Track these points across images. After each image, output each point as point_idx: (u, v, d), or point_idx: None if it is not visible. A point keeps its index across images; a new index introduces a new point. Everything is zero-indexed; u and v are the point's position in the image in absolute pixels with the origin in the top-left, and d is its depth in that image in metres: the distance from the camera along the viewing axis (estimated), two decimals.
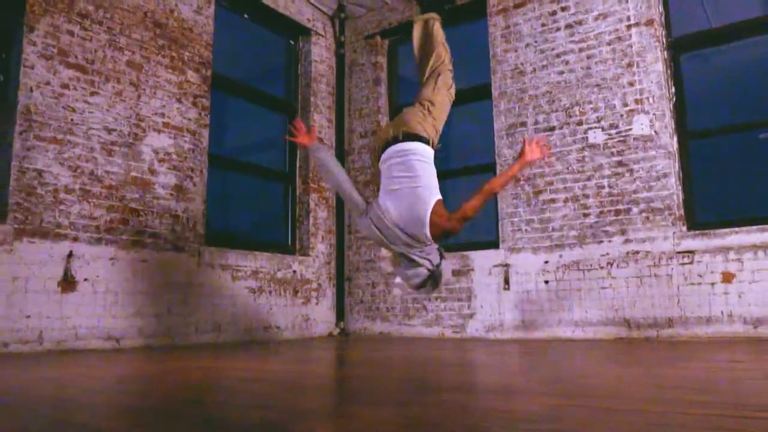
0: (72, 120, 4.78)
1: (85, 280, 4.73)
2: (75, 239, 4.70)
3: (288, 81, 6.99)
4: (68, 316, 4.61)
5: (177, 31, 5.59)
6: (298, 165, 6.83)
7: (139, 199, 5.15)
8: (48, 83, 4.67)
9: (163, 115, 5.39)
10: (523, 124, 5.95)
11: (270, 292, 6.12)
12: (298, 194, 6.79)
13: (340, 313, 6.81)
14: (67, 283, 4.64)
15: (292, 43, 7.06)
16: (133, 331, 4.98)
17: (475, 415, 1.66)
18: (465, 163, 6.61)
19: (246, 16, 6.57)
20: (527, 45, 6.02)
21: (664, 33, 5.47)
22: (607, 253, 5.39)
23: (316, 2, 6.97)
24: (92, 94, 4.93)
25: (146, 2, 5.38)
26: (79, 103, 4.83)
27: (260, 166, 6.64)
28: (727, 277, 4.89)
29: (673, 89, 5.40)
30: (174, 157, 5.45)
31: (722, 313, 4.88)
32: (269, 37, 7.00)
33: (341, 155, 7.05)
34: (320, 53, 7.12)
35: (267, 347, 5.14)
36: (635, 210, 5.31)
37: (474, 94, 6.41)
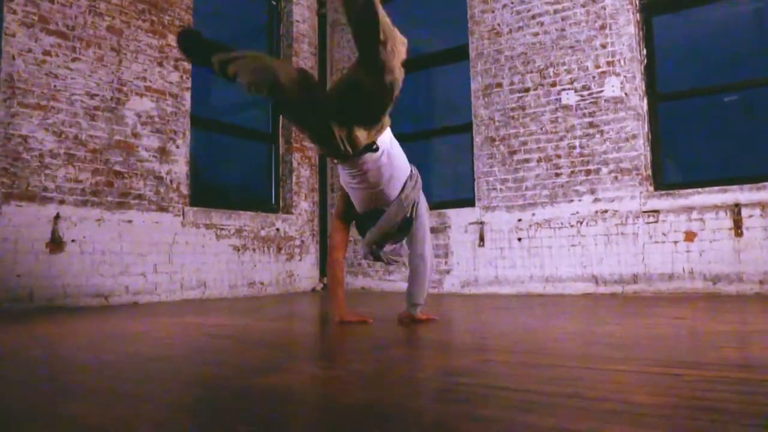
0: (55, 86, 4.90)
1: (73, 241, 4.94)
2: (61, 202, 4.89)
3: (270, 41, 7.06)
4: (57, 275, 4.83)
5: None
6: (280, 125, 6.97)
7: (123, 162, 5.32)
8: (30, 50, 4.78)
9: (144, 79, 5.51)
10: (499, 85, 6.06)
11: (254, 250, 6.34)
12: (281, 153, 6.95)
13: (323, 269, 7.06)
14: (55, 244, 4.84)
15: (274, 3, 7.09)
16: (120, 289, 5.21)
17: (411, 368, 1.88)
18: (443, 123, 6.74)
19: None
20: (504, 6, 6.09)
21: None
22: (577, 212, 5.59)
23: None
24: (74, 60, 5.04)
25: None
26: (61, 70, 4.95)
27: (243, 127, 6.78)
28: (690, 236, 5.10)
29: (644, 51, 5.50)
30: (157, 120, 5.59)
31: (684, 270, 5.10)
32: None
33: None
34: (302, 13, 7.17)
35: (250, 303, 5.40)
36: (605, 170, 5.48)
37: (451, 56, 6.50)
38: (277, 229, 6.62)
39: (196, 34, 3.03)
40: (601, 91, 5.53)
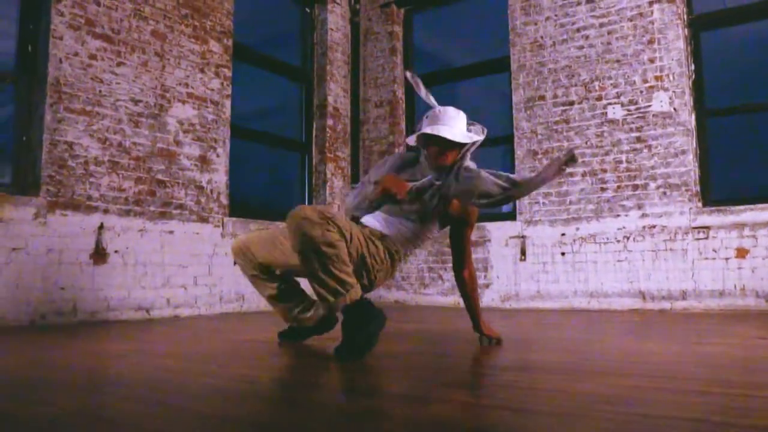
0: (100, 91, 4.75)
1: (116, 251, 4.77)
2: (105, 211, 4.73)
3: (304, 49, 6.95)
4: (100, 287, 4.66)
5: (199, 0, 5.52)
6: (314, 134, 6.85)
7: (165, 170, 5.17)
8: (76, 54, 4.62)
9: (186, 85, 5.37)
10: (542, 97, 6.01)
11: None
12: (314, 163, 6.83)
13: None
14: (99, 255, 4.68)
15: (308, 10, 6.99)
16: (162, 302, 5.05)
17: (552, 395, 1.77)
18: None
19: None
20: (547, 18, 6.04)
21: (685, 10, 5.52)
22: (624, 227, 5.53)
23: None
24: (119, 64, 4.89)
25: None
26: (106, 74, 4.80)
27: (278, 136, 6.66)
28: (741, 253, 5.07)
29: (693, 67, 5.48)
30: (198, 127, 5.44)
31: (735, 287, 5.06)
32: (285, 4, 6.93)
33: (357, 125, 7.07)
34: (336, 21, 7.07)
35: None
36: (652, 185, 5.44)
37: (492, 67, 6.45)
38: None
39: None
40: (649, 106, 5.49)
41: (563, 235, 5.80)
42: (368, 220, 2.95)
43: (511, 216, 6.14)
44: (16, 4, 4.58)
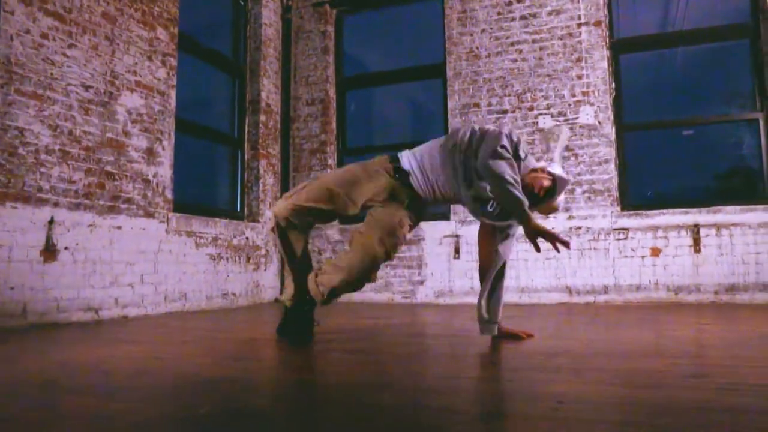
0: (51, 74, 4.38)
1: (66, 248, 4.42)
2: (56, 204, 4.37)
3: (236, 42, 6.78)
4: (50, 287, 4.30)
5: None
6: (246, 130, 6.71)
7: (114, 162, 4.86)
8: (28, 31, 4.23)
9: (135, 73, 5.08)
10: (477, 105, 6.38)
11: (227, 259, 6.05)
12: (247, 159, 6.69)
13: (284, 279, 6.87)
14: (49, 251, 4.31)
15: (242, 3, 6.82)
16: (110, 302, 4.75)
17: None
18: (416, 138, 6.92)
19: None
20: (483, 30, 6.42)
21: (608, 33, 6.14)
22: (553, 228, 6.04)
23: None
24: (70, 46, 4.53)
25: None
26: (57, 56, 4.43)
27: (216, 131, 6.45)
28: (655, 252, 5.75)
29: (614, 85, 6.11)
30: (146, 118, 5.16)
31: (650, 282, 5.74)
32: None
33: (287, 122, 7.03)
34: (269, 16, 6.96)
35: (225, 315, 5.19)
36: (579, 190, 6.00)
37: (428, 72, 6.73)
38: (247, 238, 6.36)
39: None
40: (576, 118, 6.05)
41: None
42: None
43: (446, 216, 6.45)
44: None
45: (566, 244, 2.79)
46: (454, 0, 6.55)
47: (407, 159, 3.15)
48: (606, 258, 5.88)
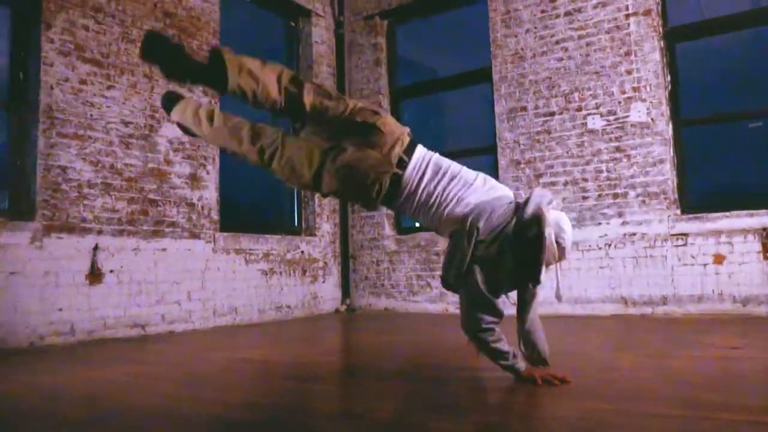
0: (91, 115, 4.85)
1: (111, 271, 4.88)
2: (99, 232, 4.84)
3: (289, 62, 7.06)
4: (96, 307, 4.77)
5: (186, 20, 5.63)
6: None
7: (156, 189, 5.28)
8: (67, 79, 4.72)
9: None
10: (524, 108, 6.16)
11: (281, 273, 6.33)
12: None
13: (346, 290, 7.07)
14: (94, 275, 4.78)
15: (293, 24, 7.09)
16: (157, 318, 5.17)
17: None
18: (465, 146, 6.84)
19: (248, 0, 6.60)
20: (527, 31, 6.19)
21: (660, 23, 5.67)
22: (606, 235, 5.70)
23: None
24: (109, 87, 4.99)
25: None
26: (97, 98, 4.90)
27: None
28: (718, 259, 5.24)
29: (669, 78, 5.64)
30: (188, 146, 5.55)
31: (713, 292, 5.24)
32: (270, 18, 7.04)
33: None
34: (321, 34, 7.18)
35: (280, 327, 5.43)
36: (632, 194, 5.61)
37: (474, 77, 6.61)
38: (302, 252, 6.61)
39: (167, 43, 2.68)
40: (627, 116, 5.65)
41: None
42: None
43: None
44: (5, 35, 4.66)
45: (565, 381, 2.51)
46: (498, 2, 6.36)
47: (417, 168, 2.63)
48: (663, 266, 5.45)
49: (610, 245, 5.67)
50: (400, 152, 2.59)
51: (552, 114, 6.02)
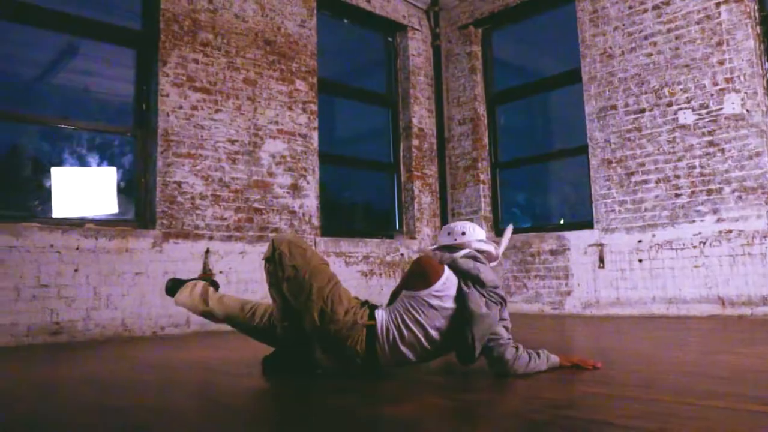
0: (201, 136, 5.58)
1: (221, 272, 5.56)
2: (210, 238, 5.54)
3: (388, 75, 7.50)
4: None
5: (284, 45, 6.24)
6: (401, 155, 7.36)
7: (260, 199, 5.91)
8: (180, 107, 5.48)
9: (276, 123, 6.10)
10: (614, 107, 6.09)
11: (380, 274, 6.75)
12: (402, 182, 7.34)
13: None
14: (206, 275, 5.48)
15: (390, 39, 7.52)
16: None
17: (520, 401, 2.13)
18: (558, 147, 6.85)
19: (345, 21, 7.12)
20: (615, 28, 6.12)
21: (756, 8, 5.39)
22: (700, 233, 5.50)
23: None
24: (216, 111, 5.70)
25: (257, 24, 6.05)
26: (206, 121, 5.62)
27: (366, 160, 7.27)
28: None
29: (766, 65, 5.34)
30: (289, 159, 6.15)
31: None
32: (368, 35, 7.52)
33: (442, 143, 7.51)
34: (417, 46, 7.54)
35: None
36: (727, 189, 5.37)
37: (564, 80, 6.63)
38: (401, 254, 6.99)
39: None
40: (721, 109, 5.42)
41: (640, 242, 5.85)
42: None
43: (588, 224, 6.26)
44: (132, 74, 5.53)
45: (596, 366, 2.71)
46: (585, 1, 6.34)
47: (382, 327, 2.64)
48: (763, 264, 5.16)
49: (704, 243, 5.46)
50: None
51: (642, 111, 5.90)
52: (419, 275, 2.62)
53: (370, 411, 2.10)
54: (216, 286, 3.38)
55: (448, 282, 2.61)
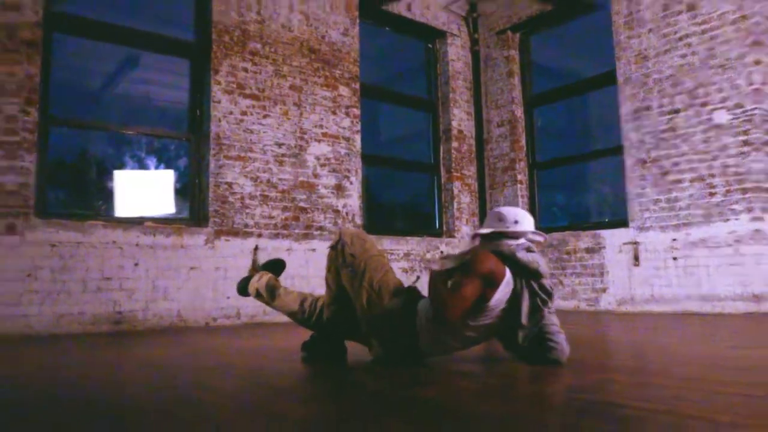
0: (251, 140, 5.94)
1: None
2: (259, 236, 5.89)
3: (428, 80, 7.75)
4: None
5: (329, 53, 6.57)
6: (441, 156, 7.61)
7: (306, 199, 6.24)
8: (231, 113, 5.85)
9: (321, 126, 6.42)
10: (648, 108, 6.20)
11: (421, 271, 7.01)
12: (443, 182, 7.59)
13: None
14: (255, 270, 5.83)
15: (430, 45, 7.78)
16: None
17: (541, 384, 2.36)
18: (594, 147, 6.99)
19: (387, 28, 7.41)
20: (650, 30, 6.23)
21: None
22: (735, 231, 5.57)
23: (449, 6, 7.62)
24: (264, 116, 6.05)
25: (302, 33, 6.39)
26: (255, 126, 5.98)
27: (407, 160, 7.55)
28: None
29: None
30: (333, 161, 6.47)
31: None
32: (407, 41, 7.79)
33: (481, 144, 7.72)
34: (456, 52, 7.78)
35: None
36: (762, 188, 5.43)
37: (599, 82, 6.77)
38: (441, 252, 7.24)
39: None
40: (756, 109, 5.49)
41: (674, 240, 5.95)
42: None
43: (623, 223, 6.38)
44: (187, 81, 5.93)
45: None
46: (620, 4, 6.47)
47: None
48: None
49: (739, 241, 5.53)
50: None
51: (677, 111, 6.00)
52: (484, 277, 2.55)
53: (401, 393, 2.30)
54: (279, 268, 3.70)
55: (507, 287, 2.60)
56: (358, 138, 6.70)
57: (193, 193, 5.80)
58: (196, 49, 5.93)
